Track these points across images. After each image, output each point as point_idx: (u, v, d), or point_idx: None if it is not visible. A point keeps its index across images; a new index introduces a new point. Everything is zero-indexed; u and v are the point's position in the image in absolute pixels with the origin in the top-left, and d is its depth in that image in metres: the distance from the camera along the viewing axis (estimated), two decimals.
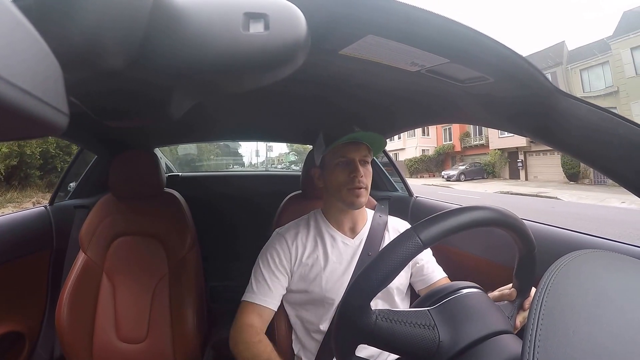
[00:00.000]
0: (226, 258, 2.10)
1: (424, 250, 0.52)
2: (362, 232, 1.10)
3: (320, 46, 0.62)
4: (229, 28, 0.27)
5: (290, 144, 6.56)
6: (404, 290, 1.08)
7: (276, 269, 1.03)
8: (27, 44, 0.18)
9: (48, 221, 1.51)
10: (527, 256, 0.64)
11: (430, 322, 0.53)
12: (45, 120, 0.19)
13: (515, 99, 0.74)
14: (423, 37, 0.58)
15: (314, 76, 0.87)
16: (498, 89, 0.73)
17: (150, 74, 0.28)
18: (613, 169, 0.69)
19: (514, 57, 0.61)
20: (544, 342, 0.35)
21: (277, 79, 0.31)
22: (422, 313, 0.55)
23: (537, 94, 0.68)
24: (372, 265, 0.51)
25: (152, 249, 1.35)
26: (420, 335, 0.52)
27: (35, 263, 1.43)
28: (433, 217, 0.53)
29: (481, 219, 0.56)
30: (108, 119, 0.33)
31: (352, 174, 1.00)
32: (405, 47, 0.61)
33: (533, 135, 0.81)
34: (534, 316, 0.37)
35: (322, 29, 0.55)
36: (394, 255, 0.51)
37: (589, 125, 0.67)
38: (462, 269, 1.22)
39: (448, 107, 1.01)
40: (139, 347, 1.28)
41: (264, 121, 1.63)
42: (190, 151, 4.33)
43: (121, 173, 1.34)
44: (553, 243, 0.98)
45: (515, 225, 0.60)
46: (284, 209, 1.32)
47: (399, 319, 0.53)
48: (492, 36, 0.57)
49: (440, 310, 0.55)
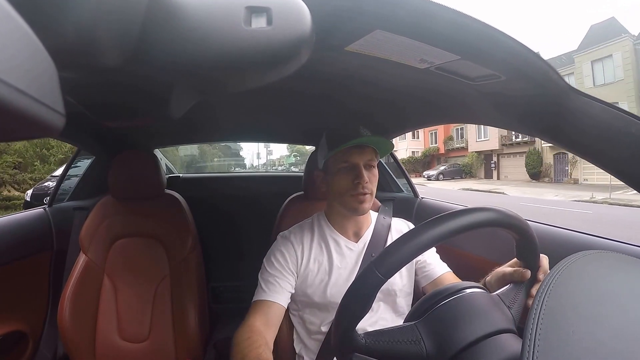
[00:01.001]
0: (227, 259, 2.11)
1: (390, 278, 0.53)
2: (366, 235, 1.09)
3: (326, 42, 0.61)
4: (230, 23, 0.26)
5: (290, 146, 6.62)
6: (408, 290, 1.07)
7: (283, 270, 1.02)
8: (19, 41, 0.17)
9: (48, 223, 1.52)
10: (521, 238, 0.63)
11: (416, 337, 0.54)
12: (41, 120, 0.19)
13: (527, 97, 0.72)
14: (433, 32, 0.57)
15: (319, 74, 0.86)
16: (510, 88, 0.72)
17: (148, 72, 0.27)
18: (623, 169, 0.68)
19: (527, 54, 0.59)
20: (544, 342, 0.35)
21: (280, 76, 0.30)
22: (409, 328, 0.56)
23: (550, 93, 0.67)
24: (345, 300, 0.55)
25: (153, 251, 1.36)
26: (408, 351, 0.54)
27: (37, 264, 1.44)
28: (389, 247, 0.54)
29: (447, 230, 0.54)
30: (106, 119, 0.33)
31: (356, 180, 0.98)
32: (415, 42, 0.59)
33: (543, 135, 0.80)
34: (534, 316, 0.38)
35: (328, 23, 0.54)
36: (361, 290, 0.53)
37: (601, 124, 0.66)
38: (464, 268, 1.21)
39: (457, 106, 1.00)
40: (141, 346, 1.30)
41: (266, 121, 1.63)
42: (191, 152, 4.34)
43: (121, 174, 1.35)
44: (557, 244, 0.98)
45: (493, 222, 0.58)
46: (285, 210, 1.32)
47: (386, 339, 0.55)
48: (504, 31, 0.55)
49: (427, 322, 0.56)
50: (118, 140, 1.65)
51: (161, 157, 2.39)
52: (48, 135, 0.22)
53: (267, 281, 1.01)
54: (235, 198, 2.17)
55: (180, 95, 0.30)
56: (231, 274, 2.09)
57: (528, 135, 0.95)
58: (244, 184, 2.43)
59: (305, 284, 1.03)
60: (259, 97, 1.17)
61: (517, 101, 0.75)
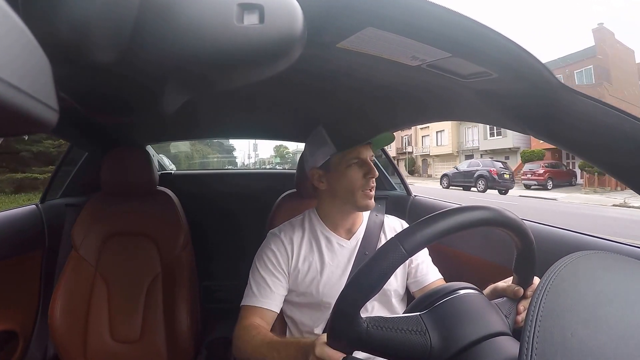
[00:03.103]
0: (220, 257, 2.11)
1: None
2: (358, 232, 1.10)
3: (317, 39, 0.62)
4: (222, 20, 0.27)
5: (276, 149, 6.77)
6: (401, 292, 1.08)
7: (275, 270, 1.02)
8: (13, 36, 0.18)
9: (40, 220, 1.51)
10: (525, 250, 0.64)
11: (421, 328, 0.54)
12: (34, 116, 0.19)
13: (519, 95, 0.73)
14: (425, 29, 0.58)
15: (310, 71, 0.87)
16: (501, 85, 0.73)
17: (141, 67, 0.28)
18: (616, 166, 0.70)
19: (518, 52, 0.60)
20: (542, 345, 0.35)
21: (272, 73, 0.30)
22: (414, 318, 0.55)
23: (542, 90, 0.68)
24: (360, 273, 0.53)
25: (144, 248, 1.37)
26: (411, 341, 0.53)
27: (28, 261, 1.44)
28: (416, 224, 0.54)
29: (473, 219, 0.56)
30: (99, 115, 0.33)
31: (369, 175, 0.99)
32: (406, 40, 0.60)
33: (535, 133, 0.81)
34: (532, 318, 0.37)
35: (320, 20, 0.54)
36: (381, 263, 0.52)
37: (593, 121, 0.67)
38: (459, 269, 1.22)
39: (448, 104, 1.01)
40: (132, 346, 1.31)
41: (258, 118, 1.64)
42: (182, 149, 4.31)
43: (112, 170, 1.35)
44: (554, 244, 0.99)
45: (509, 223, 0.60)
46: (278, 208, 1.33)
47: (390, 326, 0.54)
48: (496, 29, 0.56)
49: (432, 314, 0.56)
50: (110, 137, 1.64)
51: (153, 154, 2.38)
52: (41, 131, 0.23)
53: (258, 284, 1.01)
54: (227, 195, 2.16)
55: (172, 91, 0.31)
56: (224, 273, 2.09)
57: (520, 133, 0.94)
58: (236, 181, 2.42)
59: (296, 283, 1.03)
60: (251, 93, 1.17)
61: (509, 99, 0.76)
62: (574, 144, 0.75)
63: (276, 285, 1.01)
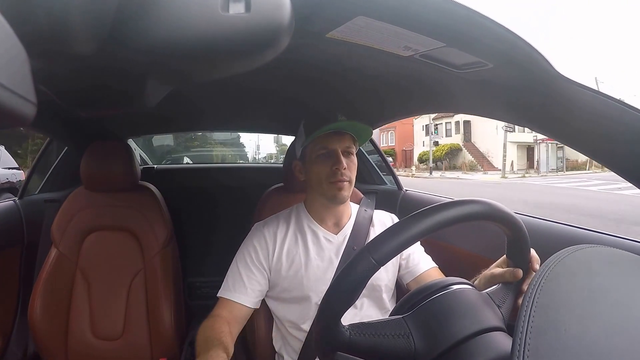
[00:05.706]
0: (204, 254, 2.11)
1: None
2: (346, 227, 1.10)
3: (306, 28, 0.61)
4: (207, 8, 0.27)
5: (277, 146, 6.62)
6: (392, 286, 1.10)
7: (253, 266, 1.04)
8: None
9: (18, 216, 1.51)
10: (513, 234, 0.64)
11: (404, 331, 0.54)
12: (11, 109, 0.19)
13: (515, 85, 0.74)
14: (417, 18, 0.58)
15: (299, 61, 0.86)
16: (497, 75, 0.73)
17: (122, 59, 0.28)
18: (614, 159, 0.70)
19: (515, 40, 0.60)
20: (535, 340, 0.35)
21: (259, 64, 0.30)
22: (397, 322, 0.56)
23: (539, 80, 0.68)
24: (335, 285, 0.54)
25: (126, 244, 1.36)
26: (395, 345, 0.54)
27: (6, 258, 1.43)
28: (385, 232, 0.55)
29: (449, 218, 0.55)
30: (78, 108, 0.33)
31: (334, 166, 0.99)
32: (399, 29, 0.60)
33: (532, 125, 0.82)
34: (524, 313, 0.38)
35: (308, 9, 0.54)
36: (352, 276, 0.53)
37: (593, 112, 0.67)
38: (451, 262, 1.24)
39: (442, 96, 1.01)
40: (115, 343, 1.31)
41: (245, 110, 1.64)
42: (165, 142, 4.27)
43: (93, 165, 1.34)
44: (548, 238, 1.00)
45: (488, 214, 0.60)
46: (264, 203, 1.34)
47: (372, 332, 0.54)
48: (491, 17, 0.56)
49: (415, 316, 0.56)
50: (91, 130, 1.63)
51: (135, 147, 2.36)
52: (19, 125, 0.23)
53: (234, 277, 1.03)
54: (212, 190, 2.16)
55: (154, 83, 0.31)
56: (208, 269, 2.08)
57: (515, 124, 0.96)
58: (221, 175, 2.41)
59: (279, 278, 1.04)
60: (237, 84, 1.17)
61: (505, 89, 0.77)
62: (571, 136, 0.75)
63: (251, 280, 1.02)
